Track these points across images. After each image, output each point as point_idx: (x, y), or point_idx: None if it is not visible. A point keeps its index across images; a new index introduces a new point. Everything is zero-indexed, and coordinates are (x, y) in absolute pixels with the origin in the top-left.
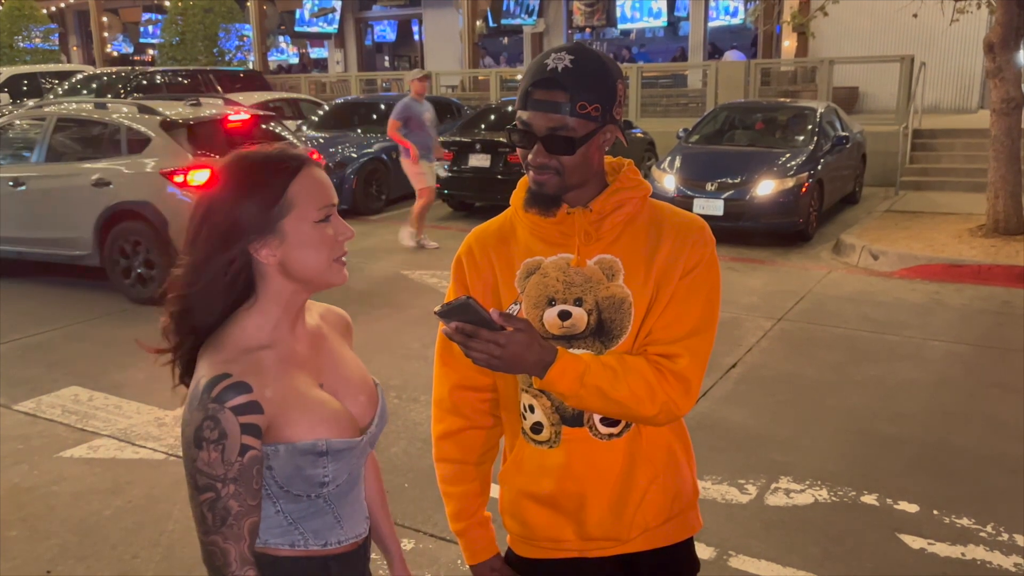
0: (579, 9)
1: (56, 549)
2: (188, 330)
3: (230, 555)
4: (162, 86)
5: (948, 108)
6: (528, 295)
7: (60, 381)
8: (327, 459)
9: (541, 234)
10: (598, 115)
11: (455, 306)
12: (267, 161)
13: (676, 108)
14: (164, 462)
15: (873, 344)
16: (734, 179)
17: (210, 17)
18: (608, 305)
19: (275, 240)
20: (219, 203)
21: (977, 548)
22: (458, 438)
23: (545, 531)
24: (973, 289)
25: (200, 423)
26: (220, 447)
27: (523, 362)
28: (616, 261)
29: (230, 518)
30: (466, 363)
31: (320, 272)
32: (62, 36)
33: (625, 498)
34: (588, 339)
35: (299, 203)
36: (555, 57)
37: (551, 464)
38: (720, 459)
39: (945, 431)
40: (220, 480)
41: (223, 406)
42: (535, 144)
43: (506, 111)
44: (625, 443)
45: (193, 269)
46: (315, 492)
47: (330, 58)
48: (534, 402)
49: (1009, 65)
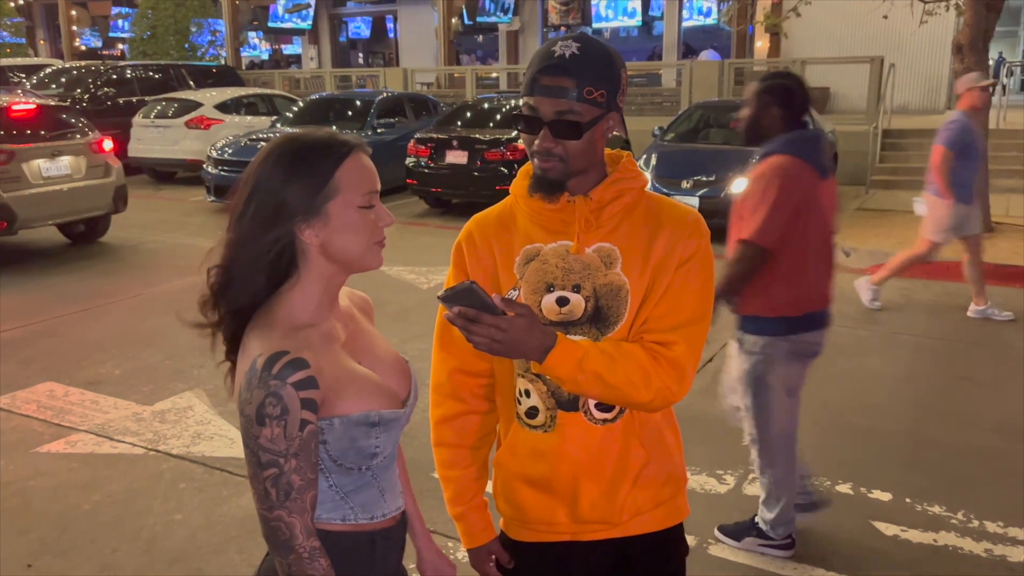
0: (554, 7)
1: (36, 544)
2: (228, 306)
3: (296, 528)
4: (133, 81)
5: (916, 109)
6: (527, 281)
7: (35, 377)
8: (379, 429)
9: (541, 221)
10: (603, 101)
11: (458, 290)
12: (317, 144)
13: (651, 107)
14: (143, 457)
15: (845, 338)
16: (709, 177)
17: (181, 11)
18: (605, 292)
19: (319, 222)
20: (267, 183)
21: (949, 534)
22: (457, 422)
23: (538, 514)
24: (941, 285)
25: (262, 400)
26: (283, 423)
27: (524, 347)
28: (614, 249)
29: (293, 492)
30: (465, 348)
31: (360, 255)
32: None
33: (618, 482)
34: (585, 325)
35: (345, 188)
36: (562, 45)
37: (545, 448)
38: (699, 450)
39: (916, 422)
40: (283, 455)
41: (284, 382)
42: (541, 129)
43: (482, 108)
44: (619, 428)
45: (237, 245)
46: (366, 464)
47: (304, 54)
48: (530, 387)
49: (977, 66)
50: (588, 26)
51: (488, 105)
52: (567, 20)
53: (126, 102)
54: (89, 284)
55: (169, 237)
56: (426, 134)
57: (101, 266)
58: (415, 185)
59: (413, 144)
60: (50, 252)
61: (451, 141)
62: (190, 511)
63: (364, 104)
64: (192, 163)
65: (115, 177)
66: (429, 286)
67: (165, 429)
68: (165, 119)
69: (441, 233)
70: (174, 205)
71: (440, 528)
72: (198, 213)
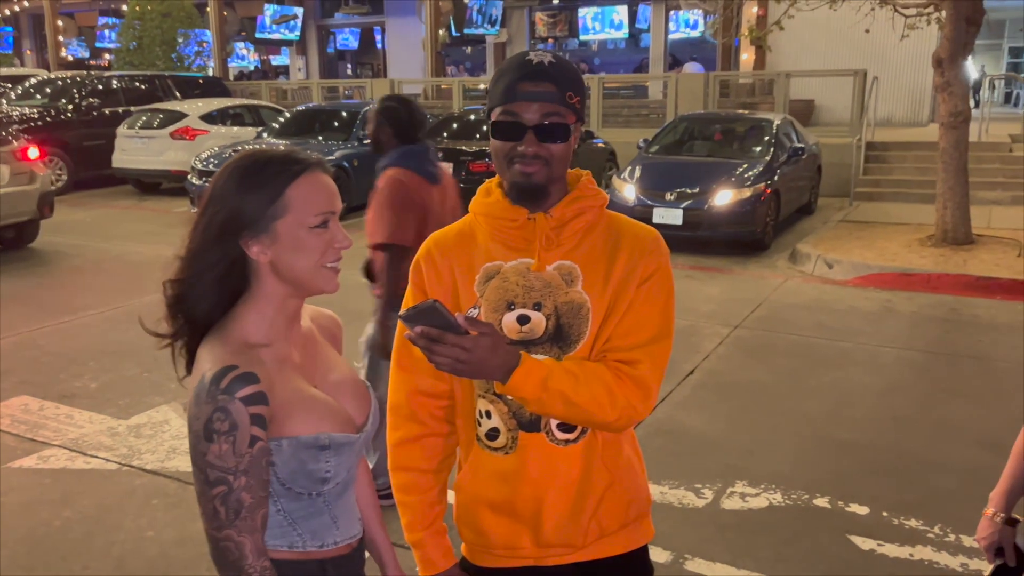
0: (541, 20)
1: (4, 560)
2: (183, 318)
3: (245, 547)
4: (119, 91)
5: (900, 121)
6: (487, 299)
7: (9, 391)
8: (329, 453)
9: (502, 238)
10: (579, 108)
11: (421, 309)
12: (272, 160)
13: (637, 119)
14: (116, 472)
15: (827, 351)
16: (693, 189)
17: (168, 22)
18: (567, 310)
19: (267, 239)
20: (221, 195)
21: (925, 549)
22: (416, 445)
23: (501, 539)
24: (923, 297)
25: (210, 415)
26: (231, 439)
27: (488, 366)
28: (575, 267)
29: (243, 510)
30: (424, 368)
31: (310, 277)
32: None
33: (581, 504)
34: (546, 344)
35: (296, 206)
36: (536, 54)
37: (507, 470)
38: (677, 464)
39: (896, 435)
40: (232, 472)
41: (233, 396)
42: (525, 134)
43: (469, 119)
44: (581, 449)
45: (189, 257)
46: (316, 489)
47: (292, 65)
48: (491, 407)
49: (957, 80)
50: (575, 38)
51: (474, 117)
52: (554, 32)
53: (112, 112)
54: (69, 295)
55: (151, 248)
56: None
57: (81, 278)
58: None
59: None
60: (43, 261)
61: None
62: (162, 527)
63: (350, 115)
64: (176, 174)
65: (40, 184)
66: None
67: (140, 444)
68: (150, 130)
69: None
70: (158, 216)
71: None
72: (181, 224)
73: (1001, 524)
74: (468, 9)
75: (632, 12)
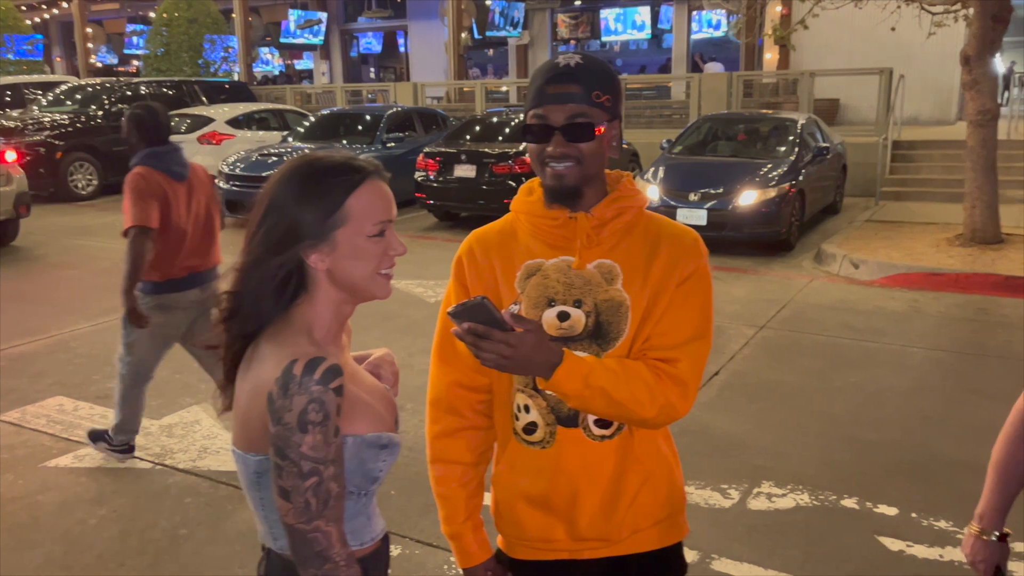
0: (563, 22)
1: (41, 558)
2: (237, 328)
3: (332, 536)
4: (147, 97)
5: (927, 120)
6: (528, 295)
7: (45, 391)
8: (386, 452)
9: (543, 237)
10: (610, 106)
11: (469, 306)
12: (332, 168)
13: (660, 119)
14: (150, 471)
15: (853, 351)
16: (716, 189)
17: (195, 28)
18: (606, 308)
19: (327, 247)
20: (280, 203)
21: (955, 550)
22: (455, 438)
23: (536, 531)
24: (951, 297)
25: (305, 406)
26: (324, 429)
27: (532, 363)
28: (615, 266)
29: (331, 499)
30: (466, 361)
31: (365, 284)
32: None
33: (616, 499)
34: (585, 341)
35: (356, 216)
36: (564, 57)
37: (544, 464)
38: (703, 464)
39: (924, 436)
40: (323, 463)
41: (327, 387)
42: (552, 136)
43: (491, 122)
44: (617, 444)
45: (247, 268)
46: (366, 489)
47: (316, 69)
48: (529, 402)
49: (985, 77)
50: (597, 39)
51: (497, 119)
52: (576, 34)
53: None
54: (98, 298)
55: None
56: (435, 148)
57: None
58: (424, 199)
59: (422, 158)
60: (73, 264)
61: (460, 155)
62: (195, 525)
63: (374, 119)
64: None
65: (16, 185)
66: (437, 299)
67: (172, 443)
68: (177, 134)
69: (449, 246)
70: None
71: (444, 543)
72: None
73: (996, 543)
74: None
75: (655, 13)
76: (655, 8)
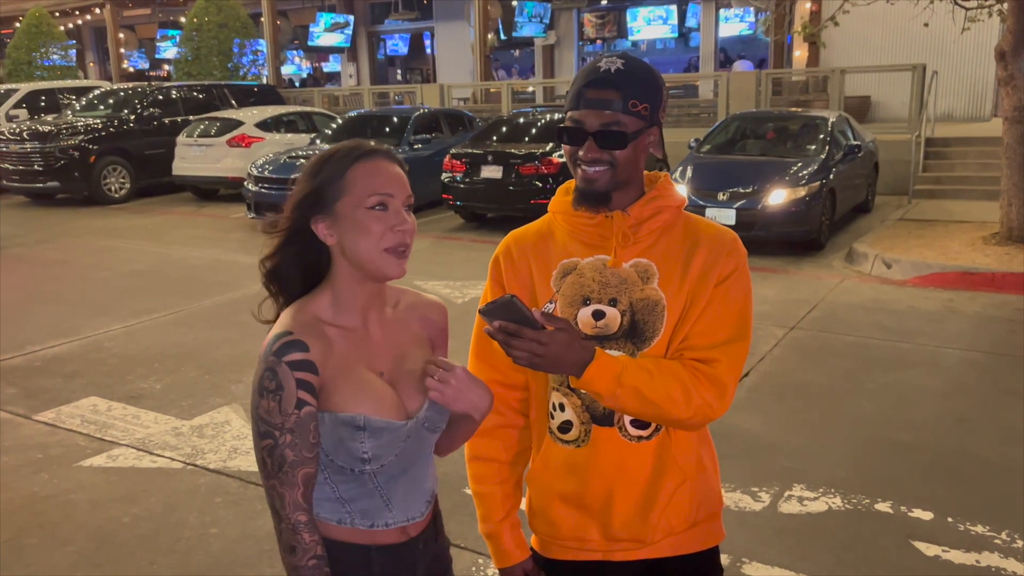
0: (590, 21)
1: (74, 556)
2: (276, 289)
3: (285, 498)
4: (177, 101)
5: (961, 116)
6: (564, 294)
7: (79, 392)
8: (364, 435)
9: (580, 236)
10: (647, 115)
11: (499, 304)
12: (344, 147)
13: (688, 118)
14: (181, 471)
15: (886, 352)
16: (746, 189)
17: (224, 32)
18: (642, 307)
19: (330, 219)
20: (301, 179)
21: (992, 555)
22: (492, 436)
23: (570, 531)
24: (987, 297)
25: (261, 373)
26: (277, 398)
27: (563, 361)
28: (651, 265)
29: (285, 465)
30: (502, 360)
31: (371, 259)
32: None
33: (651, 500)
34: (620, 340)
35: (354, 187)
36: (607, 61)
37: (578, 463)
38: (733, 467)
39: (959, 438)
40: (278, 429)
41: (280, 360)
42: (586, 140)
43: (517, 123)
44: (654, 446)
45: (277, 234)
46: (357, 467)
47: (343, 72)
48: (564, 401)
49: (1021, 73)
50: (624, 38)
51: (523, 120)
52: (603, 33)
53: (171, 121)
54: (130, 299)
55: (210, 253)
56: (461, 149)
57: (143, 282)
58: (450, 200)
59: (449, 159)
60: (105, 266)
61: (486, 156)
62: (225, 524)
63: (401, 120)
64: (234, 180)
65: None
66: (464, 300)
67: (203, 443)
68: (208, 138)
69: (476, 247)
70: (215, 222)
71: (471, 544)
72: (238, 230)
73: None
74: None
75: (682, 11)
76: (682, 7)
